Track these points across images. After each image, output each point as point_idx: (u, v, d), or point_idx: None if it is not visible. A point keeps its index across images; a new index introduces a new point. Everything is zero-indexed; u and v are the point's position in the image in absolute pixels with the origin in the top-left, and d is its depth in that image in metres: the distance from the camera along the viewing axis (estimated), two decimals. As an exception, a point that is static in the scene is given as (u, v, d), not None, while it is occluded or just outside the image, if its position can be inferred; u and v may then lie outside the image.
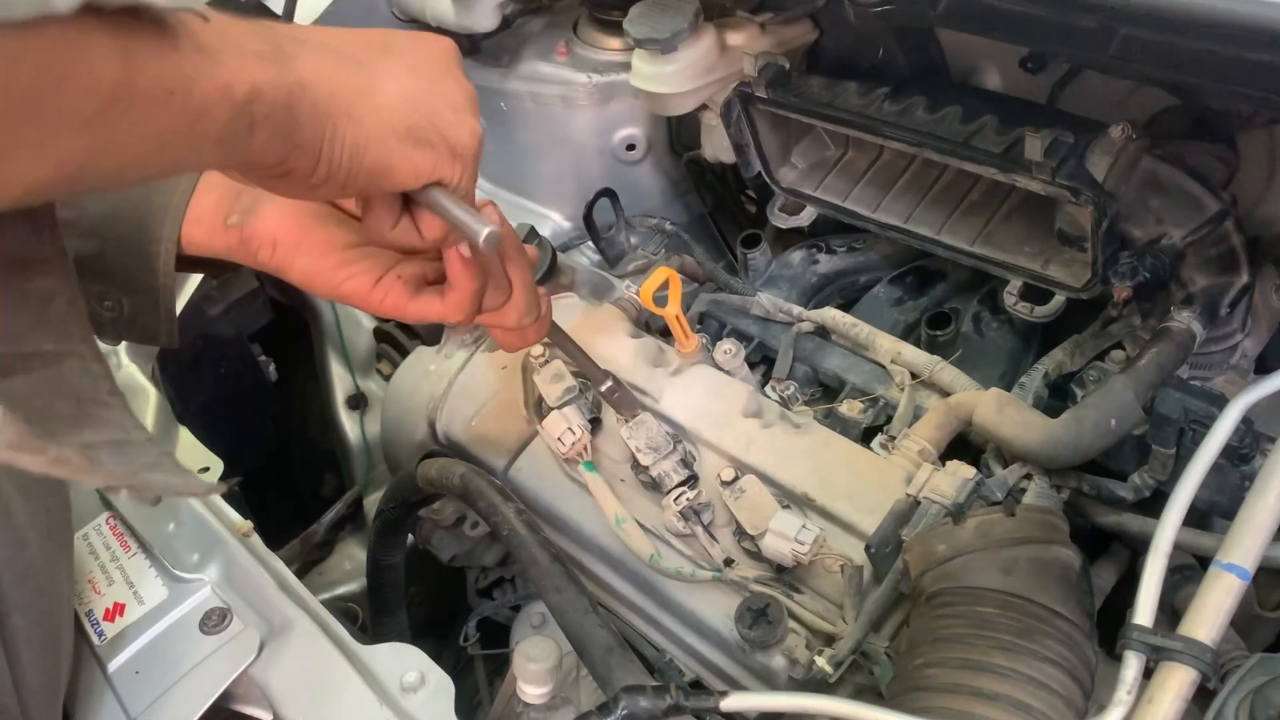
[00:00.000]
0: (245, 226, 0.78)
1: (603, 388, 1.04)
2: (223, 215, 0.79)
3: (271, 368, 1.59)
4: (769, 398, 1.14)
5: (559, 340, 0.98)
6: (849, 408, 1.13)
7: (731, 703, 0.77)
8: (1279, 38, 0.78)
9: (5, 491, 0.74)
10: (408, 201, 0.68)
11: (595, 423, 1.13)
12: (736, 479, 1.00)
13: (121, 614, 0.92)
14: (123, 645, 0.90)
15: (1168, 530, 0.76)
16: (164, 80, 0.46)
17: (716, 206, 1.71)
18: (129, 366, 1.21)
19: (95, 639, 0.90)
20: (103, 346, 1.19)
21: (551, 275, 1.27)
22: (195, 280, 1.36)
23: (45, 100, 0.41)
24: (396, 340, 1.55)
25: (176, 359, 1.34)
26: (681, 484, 1.03)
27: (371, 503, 1.53)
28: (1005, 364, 1.19)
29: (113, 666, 0.89)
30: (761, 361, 1.26)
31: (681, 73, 1.29)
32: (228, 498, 1.06)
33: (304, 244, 0.77)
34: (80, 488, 1.04)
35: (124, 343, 1.26)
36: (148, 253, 0.80)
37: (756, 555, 0.99)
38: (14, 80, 0.39)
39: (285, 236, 0.77)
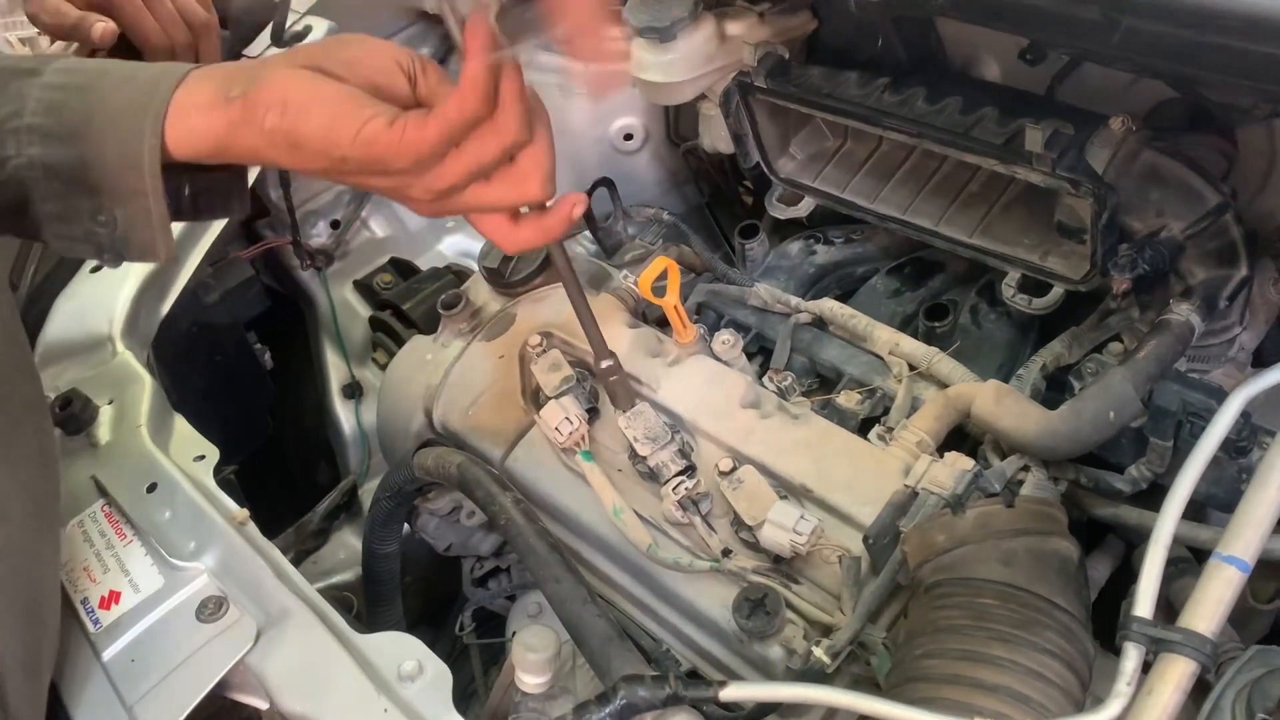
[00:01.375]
0: (249, 95, 0.77)
1: (603, 365, 1.03)
2: (222, 91, 0.78)
3: (267, 356, 1.58)
4: (767, 388, 1.14)
5: (570, 288, 0.97)
6: (847, 399, 1.12)
7: (730, 693, 0.77)
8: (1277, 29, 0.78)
9: None
10: None
11: (593, 412, 1.13)
12: (734, 469, 1.00)
13: (117, 602, 0.92)
14: (118, 633, 0.89)
15: (1168, 523, 0.76)
16: None
17: (714, 197, 1.71)
18: (124, 354, 1.20)
19: (90, 627, 0.90)
20: (100, 331, 1.20)
21: (548, 264, 1.27)
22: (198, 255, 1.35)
23: None
24: (392, 329, 1.55)
25: (172, 347, 1.33)
26: (679, 474, 1.03)
27: (367, 492, 1.52)
28: (1003, 356, 1.19)
29: (108, 655, 0.88)
30: (759, 352, 1.26)
31: (680, 62, 1.28)
32: (224, 485, 1.05)
33: (315, 98, 0.77)
34: (70, 474, 1.04)
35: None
36: (132, 153, 0.77)
37: (754, 546, 0.99)
38: None
39: (295, 95, 0.76)
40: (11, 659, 0.76)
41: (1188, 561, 0.99)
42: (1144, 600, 0.73)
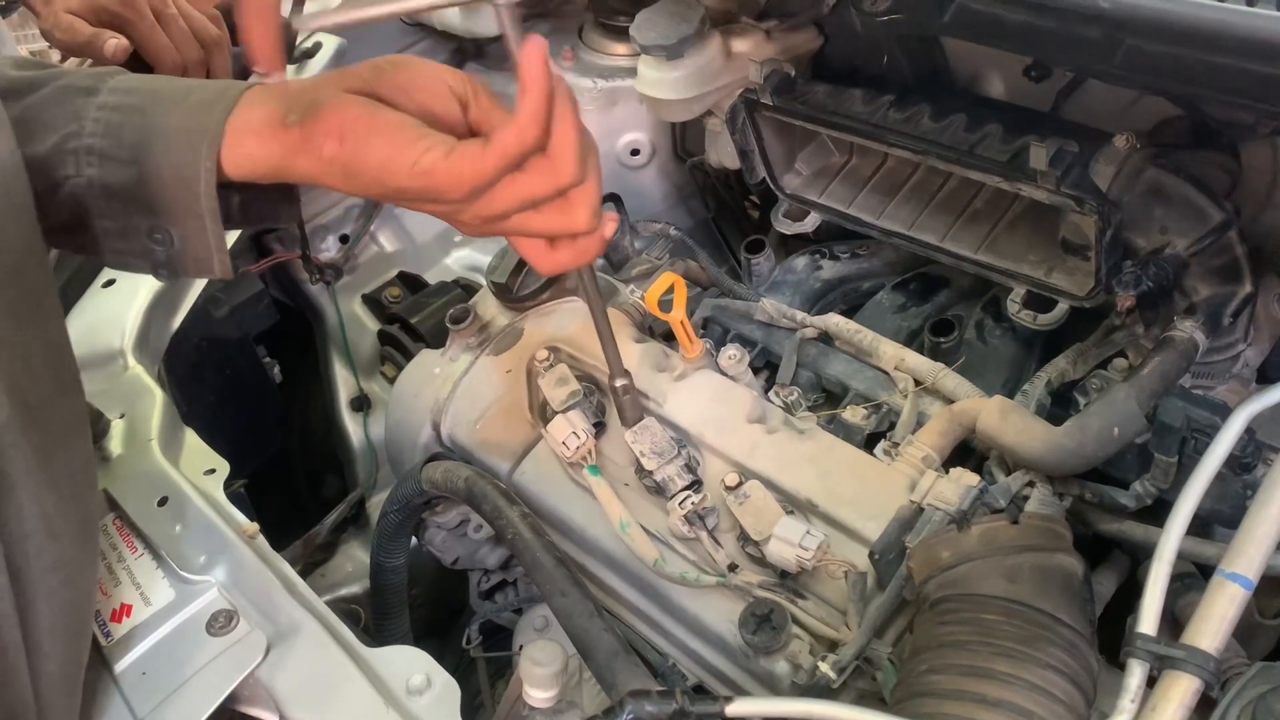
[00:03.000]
0: (306, 123, 0.77)
1: (618, 383, 1.04)
2: (279, 116, 0.78)
3: (276, 369, 1.59)
4: (773, 403, 1.15)
5: (594, 305, 0.97)
6: (852, 414, 1.13)
7: (736, 708, 0.78)
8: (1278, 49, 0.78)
9: (38, 482, 0.74)
10: None
11: (600, 427, 1.13)
12: (740, 484, 1.00)
13: (129, 615, 0.92)
14: (130, 646, 0.90)
15: (1172, 539, 0.76)
16: None
17: (720, 212, 1.72)
18: (135, 368, 1.21)
19: (102, 639, 0.91)
20: (111, 345, 1.21)
21: (556, 280, 1.28)
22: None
23: None
24: (400, 343, 1.55)
25: (182, 360, 1.35)
26: (686, 489, 1.03)
27: (375, 504, 1.53)
28: (1008, 371, 1.19)
29: (120, 667, 0.89)
30: (765, 367, 1.27)
31: (687, 79, 1.30)
32: (234, 499, 1.06)
33: (374, 128, 0.76)
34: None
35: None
36: (188, 175, 0.78)
37: (760, 561, 0.99)
38: None
39: (353, 124, 0.76)
40: (55, 675, 0.77)
41: (1193, 577, 1.00)
42: (1148, 616, 0.73)
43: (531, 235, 0.83)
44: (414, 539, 1.28)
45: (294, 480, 1.73)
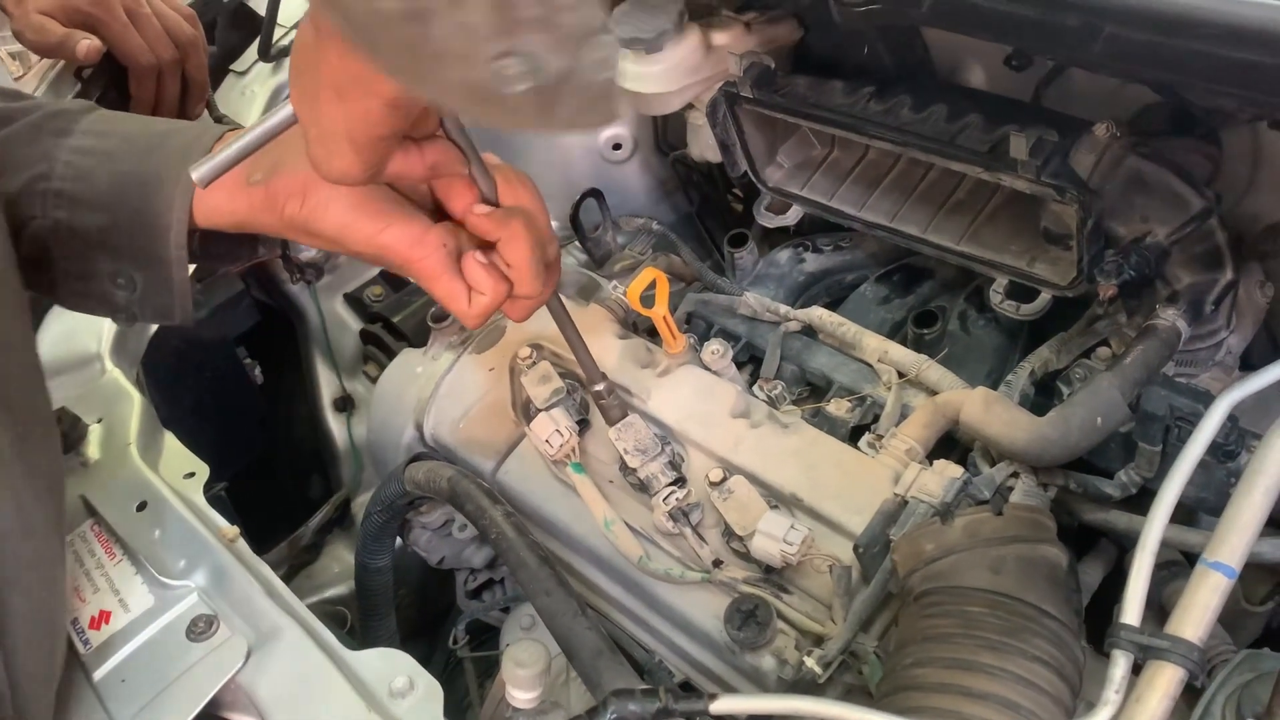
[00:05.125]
0: (271, 182, 0.78)
1: (596, 388, 1.03)
2: (245, 175, 0.78)
3: (257, 370, 1.58)
4: (757, 397, 1.14)
5: (564, 326, 0.97)
6: (836, 407, 1.13)
7: (721, 705, 0.77)
8: (1262, 37, 0.78)
9: (15, 476, 0.73)
10: None
11: (583, 424, 1.13)
12: (725, 479, 1.00)
13: (107, 621, 0.92)
14: (109, 653, 0.89)
15: (1154, 529, 0.76)
16: None
17: (703, 206, 1.71)
18: (113, 372, 1.20)
19: (81, 647, 0.90)
20: (88, 349, 1.21)
21: (538, 276, 1.27)
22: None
23: None
24: (383, 342, 1.54)
25: (161, 363, 1.33)
26: (670, 485, 1.03)
27: (360, 505, 1.52)
28: (992, 362, 1.19)
29: (98, 675, 0.88)
30: (749, 361, 1.26)
31: (666, 72, 1.28)
32: (214, 502, 1.05)
33: (337, 193, 0.76)
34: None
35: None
36: (158, 225, 0.79)
37: (745, 556, 0.99)
38: None
39: (316, 187, 0.77)
40: (32, 673, 0.76)
41: (1180, 565, 1.00)
42: (1131, 607, 0.73)
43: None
44: (399, 539, 1.27)
45: (278, 482, 1.72)
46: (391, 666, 0.87)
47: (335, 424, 1.63)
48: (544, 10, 0.47)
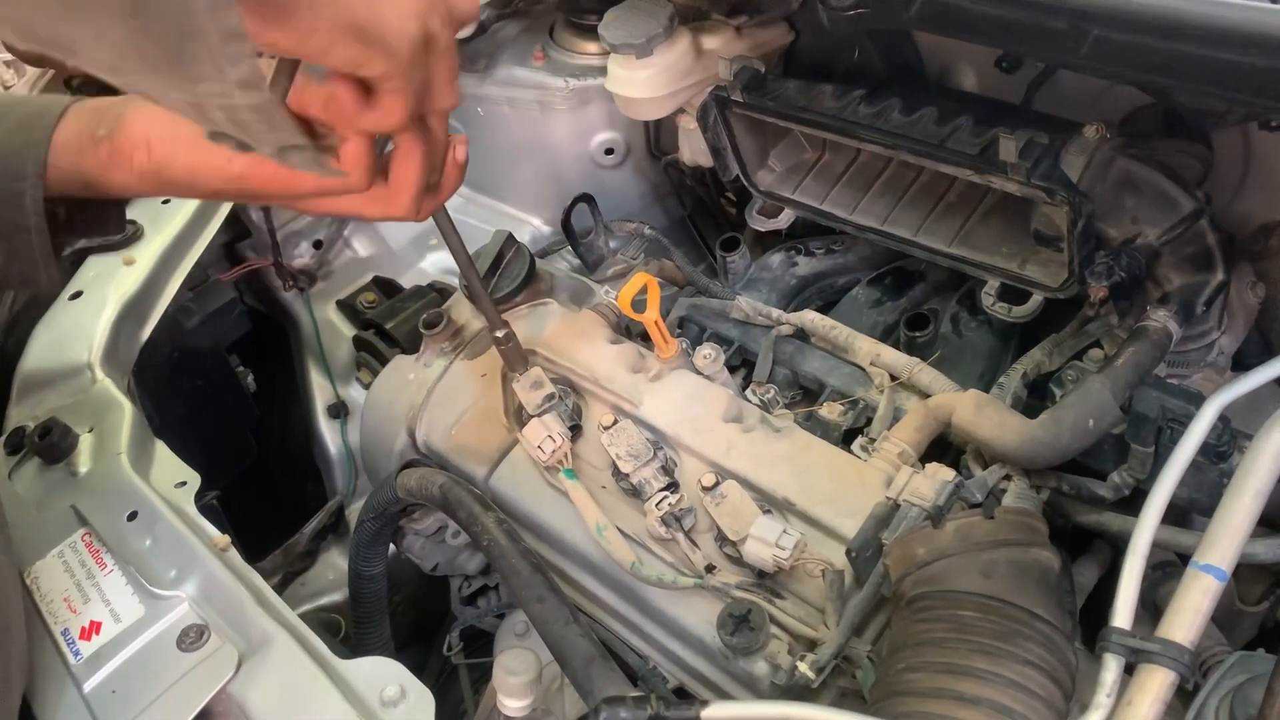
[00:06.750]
0: (115, 136, 0.78)
1: (498, 334, 1.06)
2: (89, 134, 0.78)
3: (250, 378, 1.57)
4: (749, 401, 1.14)
5: (452, 243, 0.98)
6: (829, 410, 1.12)
7: (712, 713, 0.77)
8: (1248, 38, 0.78)
9: None
10: None
11: (575, 430, 1.12)
12: (717, 484, 1.00)
13: (98, 632, 0.91)
14: (99, 664, 0.89)
15: (1145, 531, 0.76)
16: None
17: (696, 210, 1.71)
18: (103, 381, 1.20)
19: (71, 658, 0.89)
20: (79, 359, 1.20)
21: (529, 281, 1.27)
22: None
23: None
24: (376, 348, 1.54)
25: (153, 372, 1.33)
26: (662, 490, 1.02)
27: (354, 512, 1.51)
28: (984, 364, 1.19)
29: (89, 686, 0.88)
30: (741, 365, 1.26)
31: (657, 77, 1.29)
32: (205, 511, 1.05)
33: (181, 136, 0.77)
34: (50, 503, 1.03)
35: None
36: (13, 190, 0.79)
37: (738, 561, 0.98)
38: None
39: (160, 134, 0.77)
40: None
41: (1174, 565, 1.00)
42: (1122, 610, 0.73)
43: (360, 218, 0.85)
44: (393, 546, 1.27)
45: (272, 489, 1.71)
46: (383, 675, 0.86)
47: (329, 431, 1.63)
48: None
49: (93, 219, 0.88)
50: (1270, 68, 0.79)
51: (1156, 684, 0.69)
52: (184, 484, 1.07)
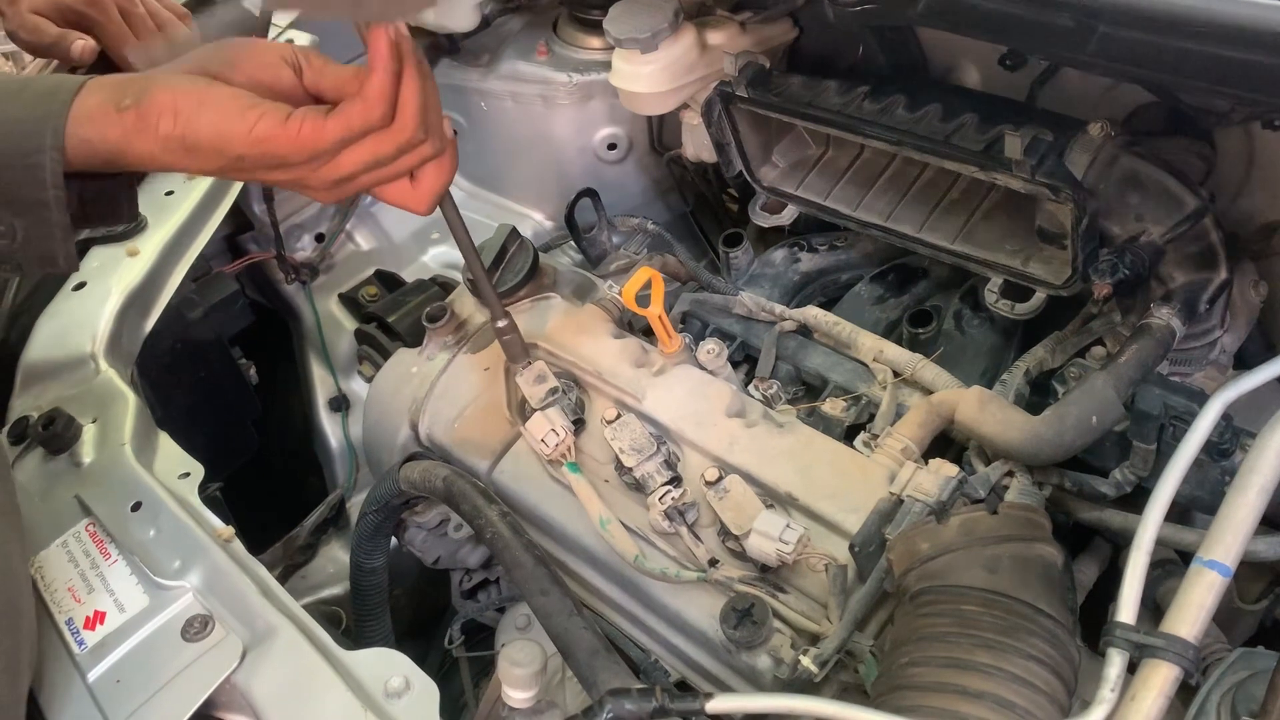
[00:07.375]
0: (141, 104, 0.79)
1: (500, 324, 1.07)
2: (114, 104, 0.79)
3: (252, 371, 1.57)
4: (752, 397, 1.14)
5: (457, 231, 1.00)
6: (832, 406, 1.13)
7: (717, 705, 0.77)
8: (1254, 36, 0.78)
9: None
10: None
11: (579, 424, 1.13)
12: (720, 479, 1.00)
13: (102, 622, 0.91)
14: (104, 654, 0.89)
15: (1149, 528, 0.76)
16: None
17: (699, 205, 1.71)
18: (107, 372, 1.20)
19: (76, 648, 0.90)
20: (82, 349, 1.20)
21: (533, 276, 1.27)
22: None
23: None
24: (378, 342, 1.54)
25: (156, 363, 1.33)
26: (665, 484, 1.02)
27: (355, 505, 1.51)
28: (987, 361, 1.19)
29: (93, 676, 0.88)
30: (744, 360, 1.26)
31: (661, 72, 1.29)
32: (209, 502, 1.05)
33: (206, 102, 0.79)
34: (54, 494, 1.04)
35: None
36: (32, 164, 0.78)
37: (741, 555, 0.99)
38: None
39: (185, 101, 0.78)
40: None
41: (1175, 564, 1.00)
42: (1126, 606, 0.73)
43: (384, 183, 0.86)
44: (394, 539, 1.27)
45: (274, 482, 1.71)
46: (387, 666, 0.87)
47: (330, 424, 1.62)
48: None
49: (106, 203, 0.88)
50: (1276, 65, 0.79)
51: (1160, 679, 0.70)
52: (188, 475, 1.08)
